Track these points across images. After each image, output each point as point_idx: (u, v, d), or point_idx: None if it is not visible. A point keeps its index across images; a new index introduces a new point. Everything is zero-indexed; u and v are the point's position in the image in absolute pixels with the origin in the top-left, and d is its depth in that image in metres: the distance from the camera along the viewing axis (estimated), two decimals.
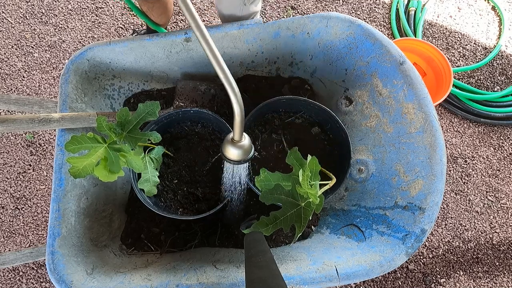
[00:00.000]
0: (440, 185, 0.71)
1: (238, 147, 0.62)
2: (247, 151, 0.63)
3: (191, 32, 0.85)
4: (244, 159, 0.64)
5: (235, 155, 0.63)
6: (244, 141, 0.63)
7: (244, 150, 0.63)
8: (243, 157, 0.64)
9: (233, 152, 0.63)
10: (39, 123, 0.72)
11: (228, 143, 0.63)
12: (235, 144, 0.62)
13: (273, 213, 0.64)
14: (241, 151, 0.63)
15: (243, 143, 0.62)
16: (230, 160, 0.64)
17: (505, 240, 1.44)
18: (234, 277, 0.70)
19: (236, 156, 0.63)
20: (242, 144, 0.62)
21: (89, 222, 0.84)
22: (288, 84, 1.01)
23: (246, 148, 0.63)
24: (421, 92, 0.75)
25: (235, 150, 0.62)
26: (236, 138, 0.61)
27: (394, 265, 0.68)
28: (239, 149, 0.62)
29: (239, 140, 0.62)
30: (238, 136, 0.61)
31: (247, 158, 0.64)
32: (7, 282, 1.40)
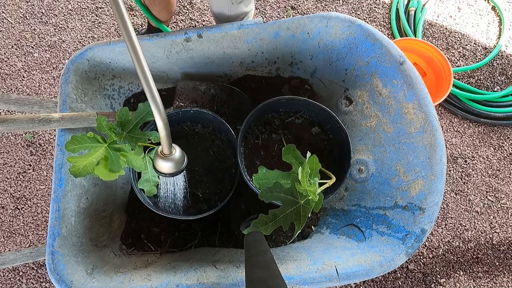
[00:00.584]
0: (440, 185, 0.71)
1: (169, 160, 0.61)
2: (179, 162, 0.62)
3: (191, 32, 0.85)
4: (179, 170, 0.63)
5: (168, 168, 0.62)
6: (175, 153, 0.62)
7: (176, 162, 0.62)
8: (176, 168, 0.62)
9: (165, 166, 0.62)
10: (39, 123, 0.72)
11: (158, 158, 0.62)
12: (166, 158, 0.61)
13: (272, 211, 0.64)
14: (173, 164, 0.62)
15: (174, 155, 0.61)
16: (165, 174, 0.63)
17: (505, 240, 1.44)
18: (234, 277, 0.70)
19: (170, 169, 0.62)
20: (173, 157, 0.61)
21: (89, 222, 0.84)
22: (288, 84, 1.01)
23: (178, 160, 0.62)
24: (421, 92, 0.75)
25: (167, 163, 0.61)
26: (166, 152, 0.60)
27: (394, 265, 0.68)
28: (171, 161, 0.61)
29: (169, 153, 0.61)
30: (167, 149, 0.60)
31: (181, 168, 0.63)
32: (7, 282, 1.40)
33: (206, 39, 0.86)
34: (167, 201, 0.84)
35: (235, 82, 1.03)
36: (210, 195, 0.93)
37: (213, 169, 0.95)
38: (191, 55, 0.90)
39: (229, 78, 1.03)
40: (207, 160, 0.96)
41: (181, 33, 0.85)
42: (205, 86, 0.98)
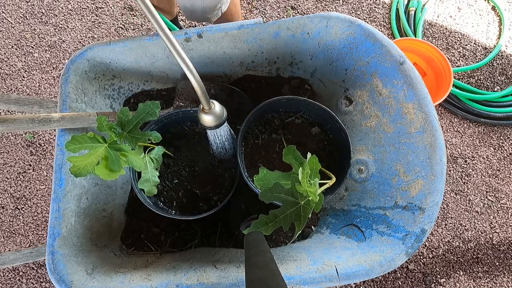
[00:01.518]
0: (440, 185, 0.71)
1: (211, 114, 0.68)
2: (219, 115, 0.70)
3: (191, 32, 0.85)
4: (220, 123, 0.71)
5: (211, 121, 0.70)
6: (215, 108, 0.69)
7: (216, 116, 0.69)
8: (218, 121, 0.70)
9: (208, 119, 0.69)
10: (39, 123, 0.72)
11: (201, 113, 0.69)
12: (208, 112, 0.68)
13: (273, 211, 0.64)
14: (214, 117, 0.69)
15: (214, 109, 0.69)
16: (209, 127, 0.71)
17: (505, 240, 1.44)
18: (234, 277, 0.70)
19: (212, 122, 0.70)
20: (213, 110, 0.68)
21: (89, 222, 0.84)
22: (288, 84, 1.01)
23: (218, 113, 0.69)
24: (421, 92, 0.75)
25: (209, 117, 0.69)
26: (206, 108, 0.67)
27: (394, 265, 0.68)
28: (212, 115, 0.69)
29: (209, 108, 0.68)
30: (206, 105, 0.67)
31: (221, 121, 0.71)
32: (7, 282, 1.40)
33: (206, 39, 0.86)
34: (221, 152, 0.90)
35: (235, 82, 1.03)
36: (210, 195, 0.93)
37: (213, 169, 0.95)
38: (191, 55, 0.91)
39: (229, 78, 1.03)
40: (207, 160, 0.96)
41: (181, 33, 0.85)
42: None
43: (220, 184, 0.94)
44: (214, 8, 0.93)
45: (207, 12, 0.93)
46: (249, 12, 1.71)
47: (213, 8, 0.93)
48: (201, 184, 0.94)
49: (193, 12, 0.94)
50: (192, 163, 0.96)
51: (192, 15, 0.96)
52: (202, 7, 0.91)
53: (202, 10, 0.92)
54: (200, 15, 0.96)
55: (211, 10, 0.93)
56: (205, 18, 0.98)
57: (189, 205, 0.93)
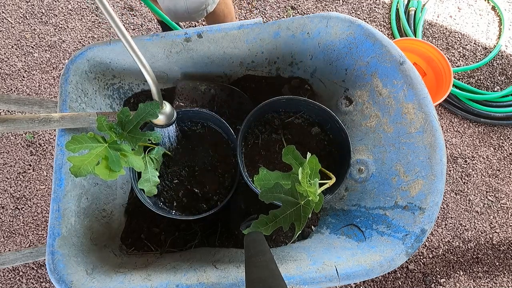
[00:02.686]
0: (440, 185, 0.71)
1: (161, 113, 0.75)
2: (170, 115, 0.77)
3: (191, 32, 0.85)
4: (169, 122, 0.79)
5: (162, 120, 0.77)
6: (166, 108, 0.76)
7: (167, 115, 0.77)
8: (168, 121, 0.78)
9: (159, 118, 0.76)
10: (39, 123, 0.72)
11: None
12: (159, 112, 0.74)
13: (273, 211, 0.64)
14: (165, 116, 0.76)
15: (165, 110, 0.75)
16: (159, 125, 0.79)
17: (505, 240, 1.44)
18: (234, 277, 0.70)
19: (162, 121, 0.77)
20: (163, 111, 0.75)
21: (89, 222, 0.84)
22: (288, 84, 1.01)
23: (169, 113, 0.77)
24: (421, 92, 0.75)
25: (160, 116, 0.76)
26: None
27: (394, 265, 0.68)
28: (162, 115, 0.76)
29: (161, 108, 0.74)
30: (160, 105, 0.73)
31: (171, 121, 0.79)
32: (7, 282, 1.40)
33: (206, 39, 0.86)
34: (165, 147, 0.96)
35: (235, 82, 1.03)
36: (210, 195, 0.93)
37: (213, 169, 0.95)
38: (191, 55, 0.90)
39: (229, 78, 1.03)
40: (207, 160, 0.96)
41: (181, 33, 0.85)
42: (205, 86, 0.98)
43: (220, 184, 0.94)
44: (199, 9, 0.92)
45: (191, 12, 0.93)
46: (249, 12, 1.71)
47: (198, 8, 0.92)
48: (201, 184, 0.94)
49: (176, 13, 0.93)
50: (192, 163, 0.96)
51: (175, 15, 0.95)
52: (186, 8, 0.91)
53: (185, 11, 0.92)
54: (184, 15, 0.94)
55: (195, 10, 0.92)
56: (190, 17, 0.96)
57: (189, 205, 0.93)
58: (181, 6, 0.90)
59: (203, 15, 0.97)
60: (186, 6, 0.90)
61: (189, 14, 0.93)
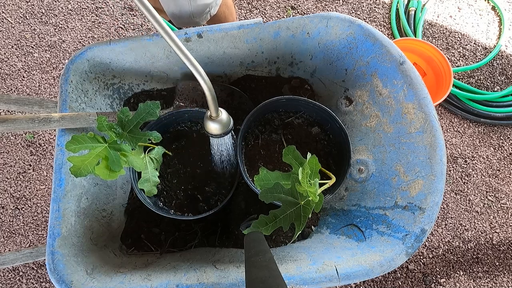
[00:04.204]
0: (440, 185, 0.71)
1: (217, 122, 0.68)
2: (226, 124, 0.69)
3: (191, 32, 0.85)
4: (225, 132, 0.70)
5: (217, 129, 0.69)
6: (222, 116, 0.68)
7: (223, 124, 0.69)
8: (223, 130, 0.70)
9: (214, 127, 0.69)
10: (39, 123, 0.72)
11: (208, 120, 0.68)
12: (214, 120, 0.68)
13: (273, 211, 0.64)
14: (221, 125, 0.69)
15: (221, 117, 0.68)
16: (214, 135, 0.70)
17: (505, 240, 1.44)
18: (234, 277, 0.70)
19: (218, 130, 0.69)
20: (220, 119, 0.68)
21: (89, 222, 0.84)
22: (288, 84, 1.01)
23: (225, 122, 0.69)
24: (421, 92, 0.75)
25: (215, 125, 0.68)
26: (213, 114, 0.67)
27: (394, 265, 0.68)
28: (219, 123, 0.68)
29: (216, 116, 0.67)
30: (214, 112, 0.66)
31: (227, 130, 0.70)
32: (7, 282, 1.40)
33: (206, 39, 0.86)
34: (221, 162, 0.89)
35: (235, 82, 1.03)
36: (210, 195, 0.93)
37: (213, 169, 0.95)
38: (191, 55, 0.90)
39: (229, 78, 1.03)
40: (207, 160, 0.96)
41: (181, 33, 0.85)
42: None
43: (220, 184, 0.94)
44: (203, 12, 0.92)
45: (196, 16, 0.92)
46: (249, 12, 1.71)
47: (202, 12, 0.92)
48: (201, 184, 0.94)
49: (181, 18, 0.93)
50: (192, 163, 0.96)
51: (180, 20, 0.95)
52: (190, 12, 0.90)
53: (190, 15, 0.91)
54: (189, 20, 0.94)
55: (200, 14, 0.92)
56: (194, 22, 0.97)
57: (189, 205, 0.93)
58: (186, 11, 0.90)
59: (207, 18, 0.97)
60: (191, 10, 0.90)
61: (194, 18, 0.94)
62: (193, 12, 0.90)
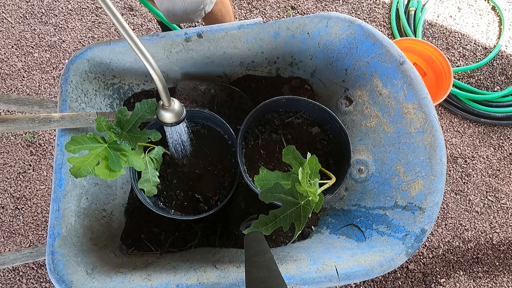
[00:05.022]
0: (440, 185, 0.71)
1: (170, 111, 0.69)
2: (179, 113, 0.71)
3: (191, 32, 0.85)
4: (178, 120, 0.71)
5: (170, 118, 0.70)
6: (174, 105, 0.69)
7: (175, 113, 0.70)
8: (177, 119, 0.71)
9: (168, 116, 0.70)
10: (39, 123, 0.72)
11: (161, 109, 0.70)
12: (167, 109, 0.69)
13: (273, 211, 0.64)
14: (173, 114, 0.70)
15: (173, 107, 0.69)
16: (168, 123, 0.72)
17: (505, 240, 1.44)
18: (234, 277, 0.70)
19: (171, 119, 0.71)
20: (172, 108, 0.69)
21: (89, 222, 0.84)
22: (288, 84, 1.01)
23: (177, 111, 0.70)
24: (421, 92, 0.75)
25: (168, 114, 0.70)
26: (166, 104, 0.68)
27: (394, 265, 0.68)
28: (171, 112, 0.69)
29: (169, 105, 0.69)
30: (167, 102, 0.68)
31: (180, 119, 0.72)
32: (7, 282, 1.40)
33: (206, 39, 0.86)
34: (178, 151, 0.91)
35: (235, 82, 1.03)
36: (210, 195, 0.93)
37: (213, 169, 0.95)
38: (191, 55, 0.90)
39: (229, 78, 1.03)
40: (207, 160, 0.96)
41: (181, 33, 0.85)
42: (205, 86, 0.98)
43: (220, 184, 0.94)
44: (197, 9, 0.93)
45: (190, 13, 0.93)
46: (249, 12, 1.71)
47: (196, 9, 0.92)
48: (201, 184, 0.94)
49: (175, 14, 0.93)
50: (192, 163, 0.96)
51: (174, 17, 0.95)
52: (184, 9, 0.91)
53: (184, 12, 0.92)
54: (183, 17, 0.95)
55: (194, 11, 0.93)
56: (188, 19, 0.97)
57: (189, 205, 0.93)
58: (179, 8, 0.90)
59: (202, 15, 0.97)
60: (184, 7, 0.90)
61: (188, 15, 0.94)
62: (187, 9, 0.91)
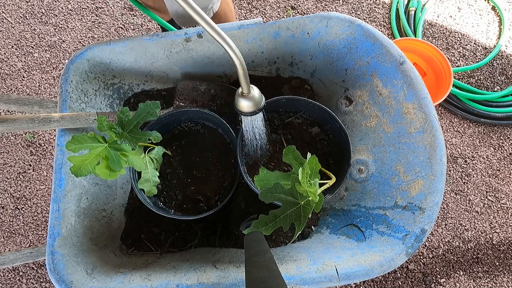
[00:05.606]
0: (440, 185, 0.71)
1: (249, 99, 0.64)
2: (258, 101, 0.65)
3: (191, 32, 0.85)
4: (258, 109, 0.66)
5: (249, 107, 0.65)
6: (253, 92, 0.64)
7: (255, 101, 0.65)
8: (256, 107, 0.66)
9: (246, 105, 0.65)
10: (39, 123, 0.72)
11: (239, 97, 0.65)
12: (246, 97, 0.64)
13: (273, 211, 0.64)
14: (252, 102, 0.65)
15: (252, 94, 0.64)
16: (246, 113, 0.67)
17: (505, 240, 1.44)
18: (234, 277, 0.70)
19: (250, 108, 0.66)
20: (251, 95, 0.64)
21: (89, 222, 0.84)
22: (288, 84, 1.01)
23: (257, 99, 0.65)
24: (421, 92, 0.75)
25: (247, 102, 0.65)
26: (245, 91, 0.63)
27: (394, 265, 0.68)
28: (251, 100, 0.64)
29: (248, 92, 0.64)
30: (246, 89, 0.63)
31: (260, 107, 0.66)
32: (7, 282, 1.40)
33: (206, 39, 0.86)
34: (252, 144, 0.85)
35: (235, 82, 1.03)
36: (210, 195, 0.93)
37: (213, 169, 0.95)
38: (191, 55, 0.90)
39: (229, 78, 1.03)
40: (207, 160, 0.96)
41: (181, 33, 0.85)
42: (205, 86, 0.98)
43: (220, 184, 0.94)
44: (207, 8, 0.93)
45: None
46: (249, 12, 1.71)
47: (206, 8, 0.93)
48: (201, 184, 0.94)
49: (185, 16, 0.94)
50: (192, 163, 0.96)
51: (184, 19, 0.96)
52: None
53: None
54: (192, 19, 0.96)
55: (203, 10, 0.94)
56: None
57: (189, 205, 0.93)
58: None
59: (210, 15, 0.99)
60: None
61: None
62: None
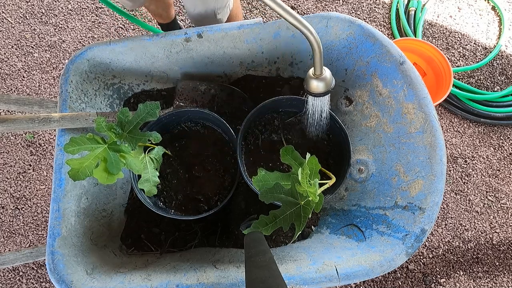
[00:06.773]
0: (440, 185, 0.71)
1: (321, 80, 0.67)
2: (329, 83, 0.68)
3: (191, 32, 0.85)
4: (328, 90, 0.69)
5: (319, 87, 0.68)
6: (325, 73, 0.67)
7: (326, 82, 0.68)
8: (326, 88, 0.68)
9: (317, 86, 0.68)
10: (39, 123, 0.72)
11: (311, 79, 0.68)
12: (318, 78, 0.67)
13: (273, 212, 0.64)
14: (324, 84, 0.68)
15: (325, 75, 0.67)
16: (316, 94, 0.69)
17: (505, 240, 1.44)
18: (234, 277, 0.70)
19: (321, 89, 0.68)
20: (324, 77, 0.67)
21: (89, 222, 0.84)
22: (288, 84, 1.01)
23: (328, 80, 0.68)
24: (421, 92, 0.75)
25: (319, 83, 0.67)
26: (318, 72, 0.66)
27: (394, 265, 0.68)
28: (322, 81, 0.67)
29: (320, 73, 0.66)
30: (319, 70, 0.66)
31: (330, 88, 0.69)
32: (7, 282, 1.40)
33: (206, 39, 0.86)
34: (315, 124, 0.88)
35: (235, 82, 1.03)
36: (210, 195, 0.93)
37: (213, 169, 0.95)
38: (191, 55, 0.91)
39: (229, 78, 1.03)
40: (207, 160, 0.96)
41: (181, 33, 0.85)
42: (205, 86, 0.98)
43: (220, 184, 0.94)
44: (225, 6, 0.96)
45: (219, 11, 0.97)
46: (249, 12, 1.71)
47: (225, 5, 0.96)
48: (201, 184, 0.94)
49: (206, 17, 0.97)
50: (192, 163, 0.96)
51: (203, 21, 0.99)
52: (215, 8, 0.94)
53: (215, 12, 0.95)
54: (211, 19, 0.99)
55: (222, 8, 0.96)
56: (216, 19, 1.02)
57: (189, 205, 0.93)
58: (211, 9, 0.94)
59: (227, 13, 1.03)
60: (216, 7, 0.94)
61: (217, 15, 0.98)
62: (217, 8, 0.94)
